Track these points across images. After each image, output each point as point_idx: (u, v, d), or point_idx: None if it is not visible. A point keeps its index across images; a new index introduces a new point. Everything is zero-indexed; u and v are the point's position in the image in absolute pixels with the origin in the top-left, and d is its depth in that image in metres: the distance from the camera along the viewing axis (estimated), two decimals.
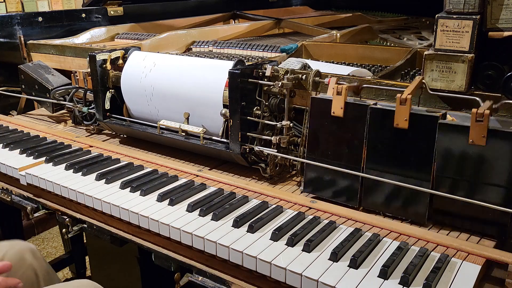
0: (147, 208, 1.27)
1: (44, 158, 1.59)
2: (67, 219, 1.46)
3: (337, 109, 1.24)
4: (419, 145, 1.14)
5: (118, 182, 1.42)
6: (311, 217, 1.21)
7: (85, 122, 1.91)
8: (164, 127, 1.60)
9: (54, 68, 2.13)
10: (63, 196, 1.44)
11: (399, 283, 0.95)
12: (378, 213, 1.23)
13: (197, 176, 1.46)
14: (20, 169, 1.56)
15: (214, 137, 1.51)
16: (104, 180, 1.43)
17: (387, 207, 1.21)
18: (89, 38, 2.46)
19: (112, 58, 1.71)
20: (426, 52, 1.21)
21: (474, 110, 1.04)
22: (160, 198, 1.31)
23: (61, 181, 1.45)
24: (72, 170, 1.51)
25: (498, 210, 1.04)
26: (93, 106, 1.82)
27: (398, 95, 1.13)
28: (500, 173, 1.05)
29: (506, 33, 1.15)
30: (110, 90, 1.74)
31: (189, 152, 1.63)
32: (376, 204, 1.22)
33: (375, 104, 1.23)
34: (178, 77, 1.56)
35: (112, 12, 2.68)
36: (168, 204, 1.29)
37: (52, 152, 1.66)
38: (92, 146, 1.71)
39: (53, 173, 1.50)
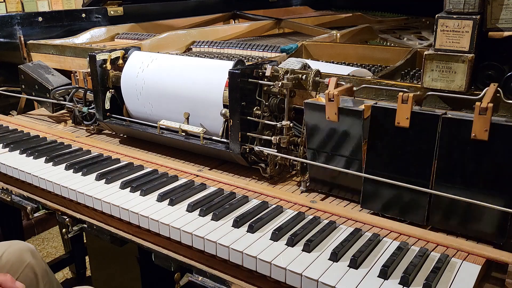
0: (147, 208, 1.27)
1: (44, 158, 1.59)
2: (67, 219, 1.46)
3: (331, 115, 1.24)
4: (420, 144, 1.14)
5: (118, 182, 1.42)
6: (311, 217, 1.21)
7: (85, 122, 1.91)
8: (164, 127, 1.60)
9: (54, 68, 2.12)
10: (63, 196, 1.44)
11: (399, 283, 0.95)
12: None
13: (197, 176, 1.46)
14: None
15: (214, 137, 1.51)
16: (104, 180, 1.43)
17: (386, 210, 1.21)
18: (89, 38, 2.46)
19: (112, 58, 1.71)
20: (426, 52, 1.20)
21: (477, 103, 1.04)
22: (160, 198, 1.31)
23: (61, 181, 1.45)
24: (72, 170, 1.51)
25: (497, 211, 1.05)
26: (93, 106, 1.82)
27: (400, 94, 1.14)
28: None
29: (506, 33, 1.15)
30: (110, 90, 1.74)
31: (189, 152, 1.63)
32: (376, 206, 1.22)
33: (375, 104, 1.23)
34: (178, 77, 1.56)
35: (112, 12, 2.68)
36: (168, 204, 1.29)
37: (52, 152, 1.66)
38: (92, 146, 1.71)
39: (53, 173, 1.51)
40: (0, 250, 1.47)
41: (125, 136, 1.84)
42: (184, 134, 1.56)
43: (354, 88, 1.33)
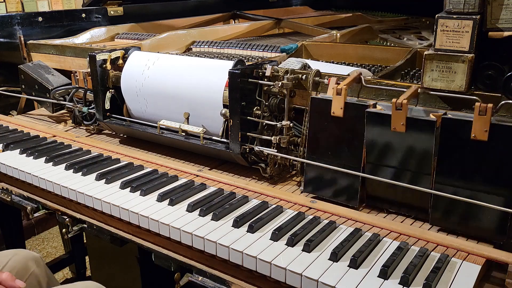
0: (147, 208, 1.27)
1: (44, 158, 1.59)
2: (67, 219, 1.46)
3: (337, 109, 1.24)
4: (416, 146, 1.14)
5: (118, 182, 1.42)
6: (311, 217, 1.21)
7: (85, 122, 1.91)
8: (164, 127, 1.60)
9: (54, 68, 2.13)
10: (63, 196, 1.44)
11: (399, 283, 0.95)
12: (379, 213, 1.23)
13: (197, 176, 1.46)
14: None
15: (214, 137, 1.51)
16: (104, 180, 1.43)
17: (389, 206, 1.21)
18: (89, 38, 2.46)
19: (112, 58, 1.71)
20: (426, 52, 1.20)
21: (477, 104, 1.04)
22: (160, 198, 1.31)
23: (61, 181, 1.45)
24: (72, 170, 1.51)
25: (498, 211, 1.05)
26: (93, 106, 1.82)
27: (394, 100, 1.14)
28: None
29: (506, 33, 1.15)
30: (110, 90, 1.74)
31: (189, 152, 1.63)
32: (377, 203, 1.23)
33: (374, 105, 1.23)
34: (178, 77, 1.56)
35: (112, 12, 2.68)
36: (168, 204, 1.29)
37: (52, 152, 1.66)
38: (92, 146, 1.71)
39: (53, 173, 1.51)
40: (5, 258, 1.48)
41: (125, 136, 1.84)
42: (184, 134, 1.56)
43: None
